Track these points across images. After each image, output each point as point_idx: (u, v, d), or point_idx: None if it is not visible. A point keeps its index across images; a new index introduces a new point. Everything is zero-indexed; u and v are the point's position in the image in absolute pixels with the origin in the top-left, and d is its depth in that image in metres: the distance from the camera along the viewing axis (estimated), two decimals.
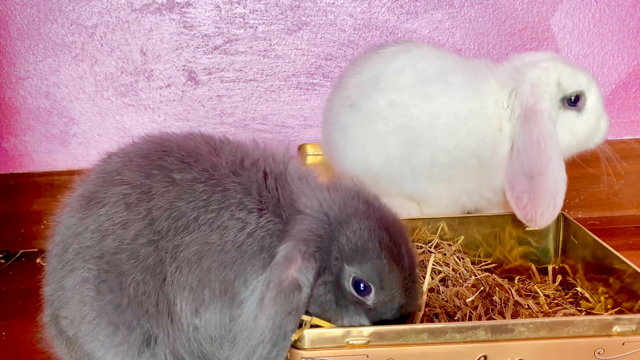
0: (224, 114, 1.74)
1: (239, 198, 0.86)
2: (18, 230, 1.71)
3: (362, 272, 0.84)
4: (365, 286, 0.85)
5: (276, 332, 0.80)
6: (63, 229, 0.92)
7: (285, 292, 0.80)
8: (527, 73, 1.24)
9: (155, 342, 0.88)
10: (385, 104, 1.34)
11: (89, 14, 1.64)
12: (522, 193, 1.19)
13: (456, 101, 1.29)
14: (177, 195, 0.86)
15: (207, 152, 0.90)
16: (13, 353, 1.21)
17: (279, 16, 1.68)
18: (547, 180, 1.17)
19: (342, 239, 0.84)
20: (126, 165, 0.90)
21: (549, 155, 1.17)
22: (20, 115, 1.70)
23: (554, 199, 1.17)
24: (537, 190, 1.17)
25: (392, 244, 0.85)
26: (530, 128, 1.20)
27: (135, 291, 0.86)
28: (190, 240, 0.85)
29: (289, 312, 0.81)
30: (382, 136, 1.35)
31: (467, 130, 1.27)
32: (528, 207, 1.19)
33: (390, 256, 0.85)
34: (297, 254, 0.82)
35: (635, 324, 0.86)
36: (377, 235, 0.84)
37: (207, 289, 0.86)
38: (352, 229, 0.84)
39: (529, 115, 1.20)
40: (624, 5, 1.71)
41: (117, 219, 0.86)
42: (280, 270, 0.81)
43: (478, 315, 1.04)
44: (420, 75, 1.34)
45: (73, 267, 0.88)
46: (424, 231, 1.27)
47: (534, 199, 1.18)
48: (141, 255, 0.85)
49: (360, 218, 0.85)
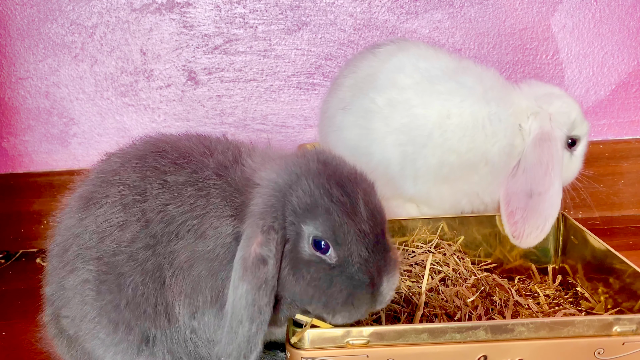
0: (224, 114, 1.74)
1: (216, 203, 0.86)
2: (18, 230, 1.71)
3: (316, 229, 0.82)
4: (324, 244, 0.82)
5: (250, 309, 0.81)
6: (63, 229, 0.92)
7: (250, 269, 0.81)
8: (553, 101, 1.30)
9: (153, 342, 0.88)
10: (384, 103, 1.33)
11: (89, 14, 1.64)
12: (517, 209, 1.24)
13: (471, 103, 1.29)
14: (168, 199, 0.87)
15: (200, 152, 0.90)
16: (13, 353, 1.21)
17: (279, 16, 1.68)
18: (545, 202, 1.22)
19: (293, 200, 0.83)
20: (124, 166, 0.91)
21: (553, 179, 1.22)
22: (20, 115, 1.70)
23: (544, 222, 1.22)
24: (533, 209, 1.23)
25: (345, 198, 0.82)
26: (542, 150, 1.25)
27: (134, 292, 0.86)
28: (181, 247, 0.86)
29: (258, 287, 0.81)
30: (382, 136, 1.33)
31: (485, 135, 1.28)
32: (519, 224, 1.24)
33: (343, 210, 0.82)
34: (256, 229, 0.82)
35: (635, 324, 0.86)
36: (326, 191, 0.82)
37: (200, 296, 0.87)
38: (302, 189, 0.83)
39: (544, 138, 1.26)
40: (624, 5, 1.71)
41: (114, 220, 0.87)
42: (244, 250, 0.82)
43: (478, 315, 1.04)
44: (425, 74, 1.33)
45: (74, 267, 0.88)
46: (424, 231, 1.27)
47: (527, 217, 1.23)
48: (140, 258, 0.86)
49: (310, 177, 0.84)
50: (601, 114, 1.78)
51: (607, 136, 1.79)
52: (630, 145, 1.77)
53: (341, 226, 0.81)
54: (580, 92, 1.76)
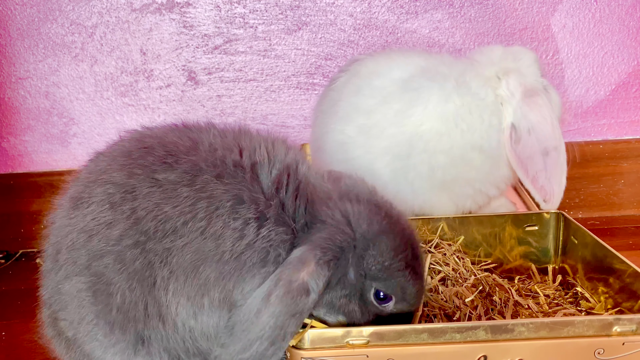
0: (224, 114, 1.74)
1: (229, 206, 0.83)
2: (18, 230, 1.71)
3: (386, 288, 0.87)
4: (386, 296, 0.87)
5: (276, 331, 0.80)
6: (56, 229, 0.91)
7: (293, 294, 0.80)
8: (512, 56, 1.27)
9: (148, 341, 0.88)
10: (355, 131, 1.31)
11: (89, 14, 1.64)
12: (538, 172, 1.20)
13: (435, 106, 1.26)
14: (162, 198, 0.84)
15: (185, 150, 0.87)
16: (13, 353, 1.21)
17: (279, 16, 1.68)
18: (562, 154, 1.19)
19: (368, 258, 0.85)
20: (110, 165, 0.89)
21: (559, 129, 1.20)
22: (20, 115, 1.70)
23: (562, 175, 1.20)
24: (554, 165, 1.19)
25: (413, 259, 0.88)
26: (538, 104, 1.21)
27: (122, 299, 0.84)
28: (183, 245, 0.82)
29: (292, 314, 0.80)
30: (367, 163, 1.30)
31: (462, 130, 1.25)
32: (546, 186, 1.20)
33: (413, 272, 0.87)
34: (312, 258, 0.81)
35: (635, 324, 0.86)
36: (402, 254, 0.86)
37: (207, 298, 0.84)
38: (380, 250, 0.85)
39: (531, 93, 1.22)
40: (624, 5, 1.71)
41: (101, 219, 0.85)
42: (292, 271, 0.81)
43: (478, 315, 1.04)
44: (382, 92, 1.30)
45: (67, 274, 0.87)
46: (424, 231, 1.27)
47: (551, 176, 1.20)
48: (127, 258, 0.83)
49: (387, 237, 0.86)
50: (601, 114, 1.78)
51: (607, 136, 1.79)
52: (630, 145, 1.77)
53: (412, 287, 0.88)
54: (580, 92, 1.76)
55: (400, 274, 0.86)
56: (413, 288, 0.88)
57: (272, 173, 0.87)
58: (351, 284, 0.87)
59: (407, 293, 0.87)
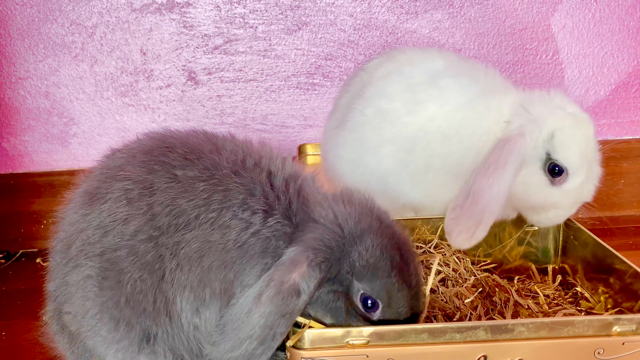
0: (224, 114, 1.74)
1: (241, 198, 0.86)
2: (18, 230, 1.71)
3: (371, 290, 0.85)
4: (373, 302, 0.86)
5: (266, 331, 0.81)
6: (67, 225, 0.92)
7: (283, 294, 0.81)
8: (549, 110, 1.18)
9: (154, 339, 0.88)
10: (373, 113, 1.31)
11: (89, 14, 1.64)
12: (457, 206, 1.18)
13: (450, 109, 1.26)
14: (179, 192, 0.86)
15: (209, 150, 0.90)
16: (13, 353, 1.21)
17: (279, 16, 1.68)
18: (477, 204, 1.13)
19: (354, 254, 0.85)
20: (129, 161, 0.90)
21: (491, 183, 1.13)
22: (20, 115, 1.70)
23: (474, 226, 1.14)
24: (466, 208, 1.15)
25: (402, 263, 0.86)
26: (494, 150, 1.16)
27: (132, 289, 0.86)
28: (191, 237, 0.84)
29: (283, 315, 0.81)
30: (375, 145, 1.31)
31: (458, 140, 1.25)
32: (453, 222, 1.18)
33: (400, 275, 0.85)
34: (304, 259, 0.82)
35: (635, 324, 0.86)
36: (389, 254, 0.85)
37: (208, 288, 0.86)
38: (365, 246, 0.85)
39: (504, 140, 1.16)
40: (624, 5, 1.71)
41: (118, 215, 0.86)
42: (283, 272, 0.82)
43: (478, 315, 1.04)
44: (409, 80, 1.31)
45: (77, 263, 0.88)
46: (424, 231, 1.27)
47: (460, 216, 1.17)
48: (140, 251, 0.85)
49: (374, 235, 0.86)
50: (601, 114, 1.78)
51: (607, 136, 1.79)
52: (630, 145, 1.77)
53: (398, 292, 0.85)
54: (580, 92, 1.77)
55: (385, 274, 0.84)
56: (399, 294, 0.85)
57: (284, 176, 0.90)
58: (339, 281, 0.86)
59: (393, 299, 0.85)
